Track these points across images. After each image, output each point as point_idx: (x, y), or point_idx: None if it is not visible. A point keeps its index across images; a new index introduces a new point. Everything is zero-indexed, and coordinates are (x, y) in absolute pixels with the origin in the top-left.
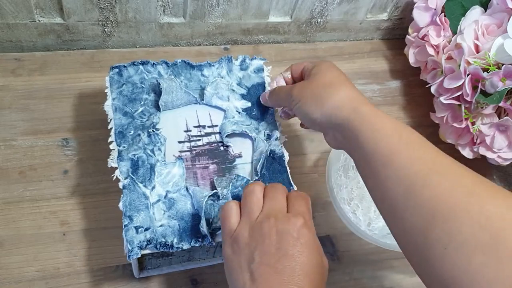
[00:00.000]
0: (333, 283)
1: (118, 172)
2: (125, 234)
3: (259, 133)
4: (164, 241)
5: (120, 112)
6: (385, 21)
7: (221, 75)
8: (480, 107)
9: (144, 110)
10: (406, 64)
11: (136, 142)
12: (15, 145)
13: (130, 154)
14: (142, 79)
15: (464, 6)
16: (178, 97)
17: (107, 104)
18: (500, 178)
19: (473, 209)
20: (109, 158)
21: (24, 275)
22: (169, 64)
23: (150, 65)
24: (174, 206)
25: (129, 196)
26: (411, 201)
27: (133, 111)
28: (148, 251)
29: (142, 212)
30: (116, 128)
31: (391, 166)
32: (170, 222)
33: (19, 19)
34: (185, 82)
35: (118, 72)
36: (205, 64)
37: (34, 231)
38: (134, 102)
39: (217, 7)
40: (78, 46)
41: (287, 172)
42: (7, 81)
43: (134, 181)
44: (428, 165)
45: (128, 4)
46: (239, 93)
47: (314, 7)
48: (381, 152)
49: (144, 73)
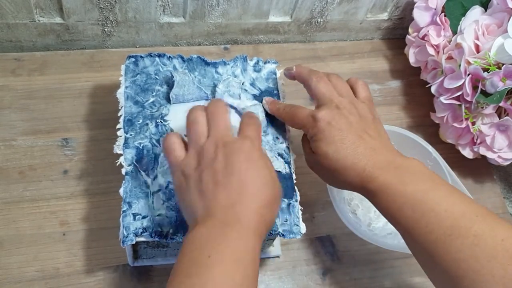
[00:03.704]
0: (333, 283)
1: (123, 159)
2: (123, 220)
3: (266, 136)
4: (160, 230)
5: (131, 101)
6: (385, 21)
7: (235, 74)
8: (480, 107)
9: (155, 100)
10: (406, 64)
11: (143, 131)
12: (15, 145)
13: (136, 142)
14: (157, 71)
15: (464, 6)
16: (190, 91)
17: (120, 91)
18: (500, 178)
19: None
20: (115, 145)
21: (24, 275)
22: (184, 59)
23: (166, 58)
24: (173, 198)
25: (131, 183)
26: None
27: (144, 100)
28: (143, 239)
29: (142, 200)
30: (125, 116)
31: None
32: (168, 213)
33: (19, 19)
34: (198, 78)
35: (134, 62)
36: (220, 62)
37: (34, 231)
38: (146, 92)
39: (217, 7)
40: (78, 46)
41: (292, 178)
42: (7, 81)
43: (137, 169)
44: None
45: (128, 4)
46: (251, 94)
47: (314, 7)
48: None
49: (160, 65)
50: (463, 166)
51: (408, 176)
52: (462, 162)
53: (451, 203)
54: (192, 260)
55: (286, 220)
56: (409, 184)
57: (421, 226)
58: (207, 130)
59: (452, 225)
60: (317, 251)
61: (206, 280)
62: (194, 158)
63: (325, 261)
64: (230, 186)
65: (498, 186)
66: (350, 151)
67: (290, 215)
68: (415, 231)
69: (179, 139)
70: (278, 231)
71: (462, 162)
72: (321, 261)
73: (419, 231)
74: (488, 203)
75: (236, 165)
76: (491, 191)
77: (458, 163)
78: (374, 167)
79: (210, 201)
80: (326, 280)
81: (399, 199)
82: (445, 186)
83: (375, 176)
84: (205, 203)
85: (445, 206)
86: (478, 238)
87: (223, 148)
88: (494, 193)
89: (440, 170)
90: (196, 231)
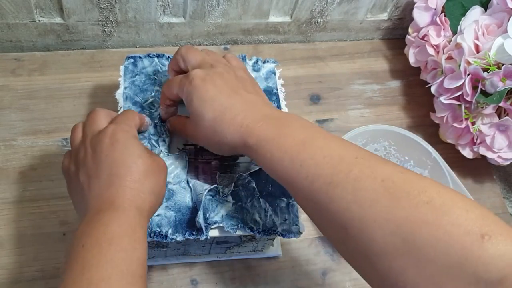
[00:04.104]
0: (333, 283)
1: None
2: None
3: None
4: (159, 230)
5: (130, 101)
6: (385, 21)
7: None
8: (480, 107)
9: (153, 101)
10: (406, 64)
11: None
12: (15, 145)
13: None
14: (156, 71)
15: (464, 6)
16: None
17: (119, 92)
18: (500, 178)
19: (380, 218)
20: None
21: (24, 275)
22: None
23: (165, 58)
24: (172, 198)
25: None
26: (323, 219)
27: (143, 101)
28: None
29: None
30: None
31: (293, 190)
32: (167, 212)
33: (19, 19)
34: None
35: (133, 63)
36: None
37: (34, 231)
38: (145, 93)
39: (217, 7)
40: (78, 46)
41: None
42: (7, 81)
43: None
44: (326, 180)
45: (128, 4)
46: None
47: (314, 7)
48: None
49: (158, 65)
50: (463, 166)
51: (286, 128)
52: (462, 162)
53: (329, 149)
54: (70, 256)
55: (285, 219)
56: (288, 136)
57: (302, 177)
58: (82, 134)
59: (332, 172)
60: (317, 251)
61: (82, 267)
62: (71, 163)
63: (325, 261)
64: (101, 174)
65: (498, 186)
66: (226, 105)
67: (289, 214)
68: (297, 183)
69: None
70: (277, 231)
71: (462, 162)
72: (321, 261)
73: (301, 183)
74: (488, 203)
75: (103, 152)
76: (491, 191)
77: (458, 163)
78: (253, 121)
79: (87, 197)
80: (326, 280)
81: (278, 152)
82: (324, 134)
83: (253, 129)
84: (84, 201)
85: (324, 153)
86: (358, 181)
87: (89, 142)
88: (494, 193)
89: (440, 170)
90: (77, 230)
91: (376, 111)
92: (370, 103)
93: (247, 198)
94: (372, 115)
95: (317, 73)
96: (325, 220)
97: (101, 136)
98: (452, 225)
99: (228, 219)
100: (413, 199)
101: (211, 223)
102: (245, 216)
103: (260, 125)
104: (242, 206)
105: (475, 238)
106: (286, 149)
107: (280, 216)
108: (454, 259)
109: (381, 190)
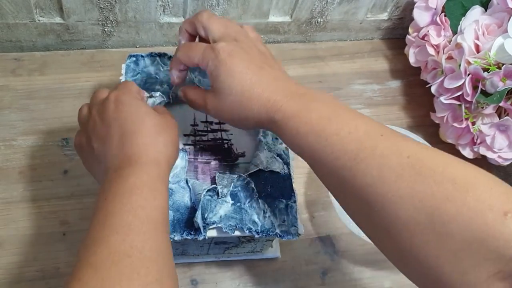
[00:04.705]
0: (333, 283)
1: None
2: None
3: (266, 137)
4: None
5: None
6: (385, 21)
7: None
8: (480, 107)
9: None
10: (406, 64)
11: None
12: (15, 145)
13: None
14: (157, 70)
15: (464, 6)
16: None
17: None
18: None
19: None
20: None
21: (24, 275)
22: None
23: (166, 57)
24: (171, 197)
25: None
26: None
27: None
28: None
29: None
30: None
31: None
32: None
33: (19, 19)
34: (199, 77)
35: (135, 61)
36: None
37: (34, 231)
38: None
39: (217, 7)
40: (78, 46)
41: (291, 179)
42: (7, 81)
43: None
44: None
45: (128, 4)
46: None
47: (314, 6)
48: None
49: (160, 64)
50: None
51: (312, 103)
52: None
53: (355, 125)
54: (94, 210)
55: (283, 221)
56: (314, 111)
57: (327, 152)
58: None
59: (358, 148)
60: (317, 251)
61: (105, 215)
62: (82, 137)
63: (325, 261)
64: (113, 136)
65: None
66: (254, 81)
67: (288, 216)
68: (322, 159)
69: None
70: (275, 232)
71: None
72: (321, 261)
73: (325, 158)
74: None
75: (110, 116)
76: None
77: None
78: (279, 96)
79: (104, 162)
80: (326, 280)
81: (304, 126)
82: (349, 111)
83: (280, 105)
84: (102, 167)
85: (349, 129)
86: (383, 157)
87: (96, 112)
88: None
89: None
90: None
91: (376, 111)
92: (370, 103)
93: (246, 199)
94: (372, 115)
95: (317, 73)
96: (348, 195)
97: (105, 103)
98: (476, 201)
99: (227, 219)
100: (438, 175)
101: (210, 223)
102: (243, 217)
103: (287, 100)
104: (241, 207)
105: (498, 214)
106: (312, 124)
107: (279, 217)
108: (476, 234)
109: (406, 166)
